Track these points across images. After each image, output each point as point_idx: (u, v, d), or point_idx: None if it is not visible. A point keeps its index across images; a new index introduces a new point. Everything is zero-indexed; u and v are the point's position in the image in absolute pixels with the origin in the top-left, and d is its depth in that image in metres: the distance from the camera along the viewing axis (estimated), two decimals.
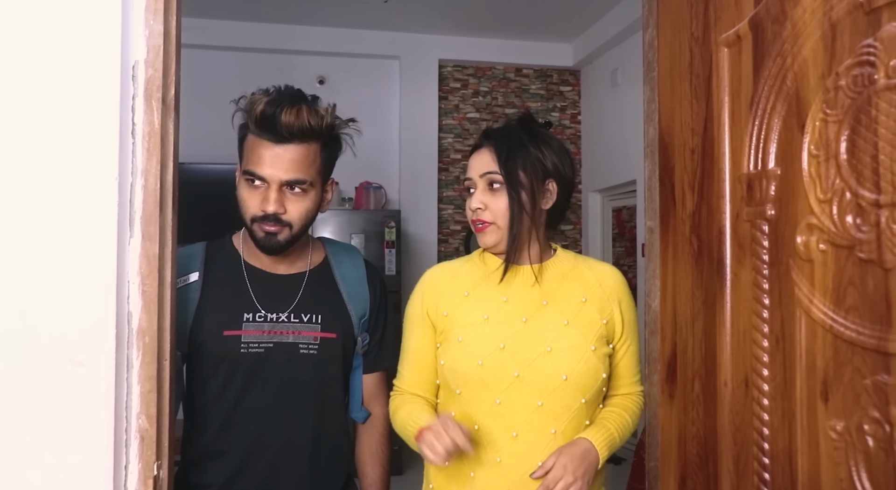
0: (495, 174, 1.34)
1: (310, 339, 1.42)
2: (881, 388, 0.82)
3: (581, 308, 1.35)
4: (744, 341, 1.04)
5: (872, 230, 0.83)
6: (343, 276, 1.50)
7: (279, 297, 1.43)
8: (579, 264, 1.41)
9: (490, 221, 1.35)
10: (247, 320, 1.40)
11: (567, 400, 1.30)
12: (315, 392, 1.43)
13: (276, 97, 1.35)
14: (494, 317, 1.36)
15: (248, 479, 1.40)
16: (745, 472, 1.04)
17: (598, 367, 1.32)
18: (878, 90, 0.82)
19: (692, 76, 1.17)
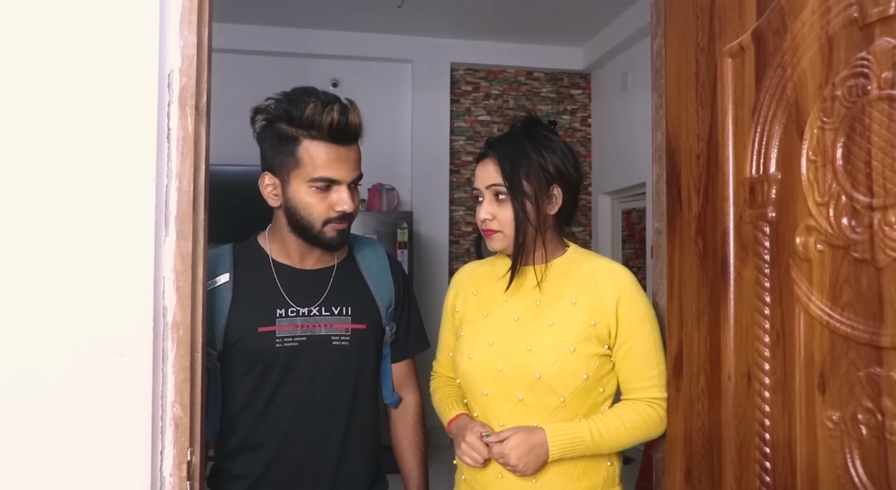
0: (500, 186, 1.39)
1: (341, 330, 1.45)
2: (874, 379, 0.87)
3: (568, 309, 1.37)
4: (746, 337, 1.10)
5: (866, 231, 0.89)
6: (368, 269, 1.53)
7: (309, 292, 1.45)
8: (583, 264, 1.42)
9: (497, 230, 1.40)
10: (280, 316, 1.43)
11: (544, 397, 1.34)
12: (348, 383, 1.46)
13: (331, 101, 1.37)
14: (493, 315, 1.44)
15: (284, 469, 1.42)
16: (747, 460, 1.09)
17: (577, 368, 1.33)
18: (872, 100, 0.88)
19: (698, 84, 1.23)
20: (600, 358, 1.35)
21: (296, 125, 1.37)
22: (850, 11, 0.91)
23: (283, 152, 1.39)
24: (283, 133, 1.39)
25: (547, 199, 1.40)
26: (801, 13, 0.99)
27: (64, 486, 1.07)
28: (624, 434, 1.33)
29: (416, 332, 1.60)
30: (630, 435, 1.33)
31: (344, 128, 1.37)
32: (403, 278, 1.60)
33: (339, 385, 1.45)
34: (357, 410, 1.47)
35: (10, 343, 1.05)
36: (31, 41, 1.08)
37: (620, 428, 1.33)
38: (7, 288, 1.06)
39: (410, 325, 1.59)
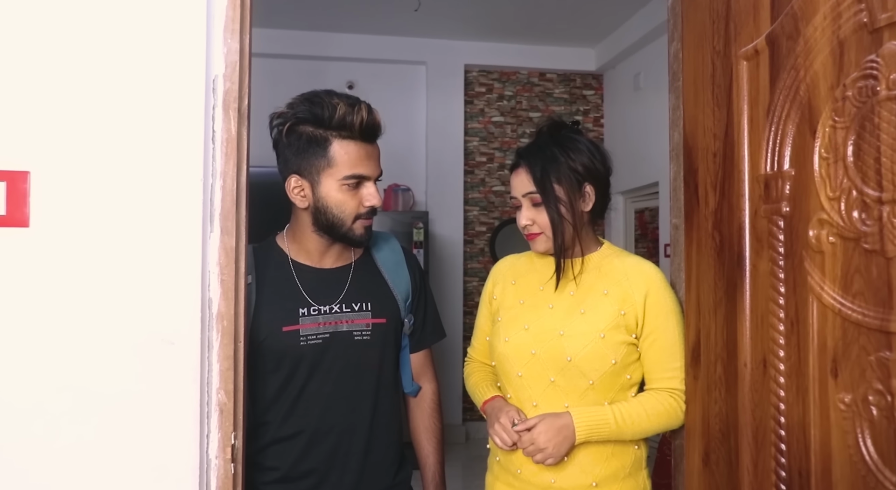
0: (534, 194, 1.47)
1: (362, 326, 1.50)
2: (884, 363, 0.93)
3: (600, 299, 1.45)
4: (762, 326, 1.15)
5: (876, 224, 0.94)
6: (385, 263, 1.58)
7: (329, 290, 1.50)
8: (615, 259, 1.50)
9: (539, 232, 1.49)
10: (302, 315, 1.47)
11: (575, 379, 1.42)
12: (371, 376, 1.51)
13: (356, 102, 1.43)
14: (528, 302, 1.53)
15: (313, 460, 1.47)
16: (763, 443, 1.15)
17: (606, 354, 1.40)
18: (881, 100, 0.93)
19: (714, 86, 1.28)
20: (628, 346, 1.43)
21: (324, 126, 1.42)
22: (861, 16, 0.96)
23: (312, 154, 1.43)
24: (312, 135, 1.43)
25: (580, 197, 1.48)
26: (813, 18, 1.05)
27: (121, 465, 1.14)
28: (646, 421, 1.39)
29: (433, 322, 1.66)
30: (651, 422, 1.39)
31: (371, 126, 1.44)
32: (419, 270, 1.65)
33: (363, 378, 1.51)
34: (380, 401, 1.53)
35: (76, 334, 1.13)
36: (92, 53, 1.15)
37: (643, 414, 1.39)
38: (73, 283, 1.13)
39: (427, 316, 1.64)
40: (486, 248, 5.46)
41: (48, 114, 1.14)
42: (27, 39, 1.13)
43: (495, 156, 5.57)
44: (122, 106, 1.16)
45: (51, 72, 1.14)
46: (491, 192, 5.54)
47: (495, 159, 5.57)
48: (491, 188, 5.54)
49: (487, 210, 5.53)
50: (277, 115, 1.49)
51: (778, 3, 1.13)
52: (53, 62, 1.14)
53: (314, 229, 1.49)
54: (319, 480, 1.48)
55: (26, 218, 1.12)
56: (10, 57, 1.13)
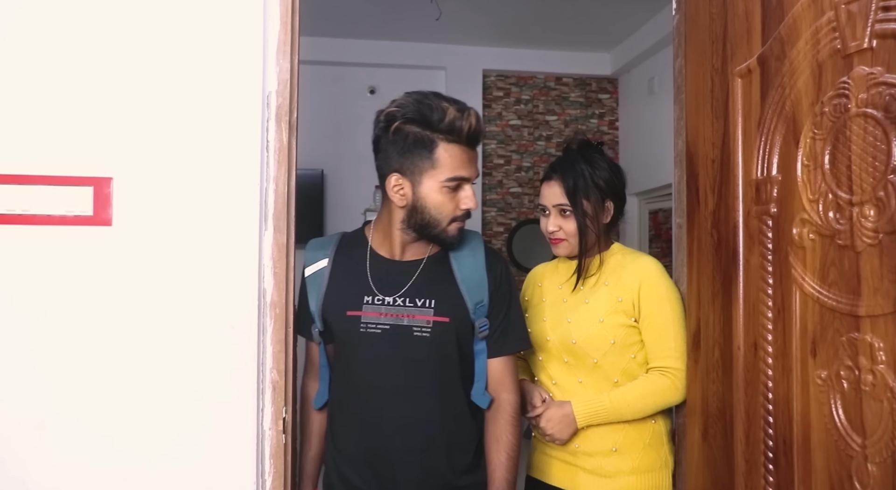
0: (565, 205, 1.67)
1: (422, 322, 1.48)
2: (853, 343, 1.07)
3: (601, 290, 1.66)
4: (753, 313, 1.30)
5: (847, 223, 1.09)
6: (459, 263, 1.54)
7: (394, 282, 1.51)
8: (619, 255, 1.70)
9: (564, 238, 1.69)
10: (367, 303, 1.50)
11: (581, 358, 1.63)
12: (430, 373, 1.50)
13: (464, 108, 1.45)
14: (549, 299, 1.76)
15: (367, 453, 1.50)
16: (753, 417, 1.30)
17: (605, 335, 1.61)
18: (851, 116, 1.08)
19: (713, 100, 1.43)
20: (627, 328, 1.62)
21: (432, 129, 1.43)
22: (835, 43, 1.11)
23: (417, 155, 1.44)
24: (419, 136, 1.44)
25: (603, 211, 1.70)
26: (797, 43, 1.20)
27: (191, 433, 1.31)
28: (640, 401, 1.59)
29: (516, 329, 1.58)
30: (647, 402, 1.59)
31: (476, 133, 1.46)
32: (502, 275, 1.58)
33: (420, 375, 1.49)
34: (442, 400, 1.51)
35: (153, 318, 1.30)
36: (164, 75, 1.33)
37: (636, 395, 1.59)
38: (149, 274, 1.31)
39: (508, 322, 1.56)
40: (504, 247, 5.60)
41: (129, 127, 1.31)
42: (115, 67, 1.31)
43: (512, 158, 5.71)
44: (191, 120, 1.33)
45: (131, 90, 1.31)
46: (508, 194, 5.68)
47: (512, 162, 5.71)
48: (508, 190, 5.68)
49: (505, 211, 5.67)
50: (386, 113, 1.49)
51: (768, 27, 1.28)
52: (133, 82, 1.31)
53: (404, 226, 1.51)
54: (374, 472, 1.50)
55: (110, 218, 1.29)
56: (98, 79, 1.30)
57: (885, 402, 1.01)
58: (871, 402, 1.04)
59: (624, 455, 1.60)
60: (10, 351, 1.27)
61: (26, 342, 1.27)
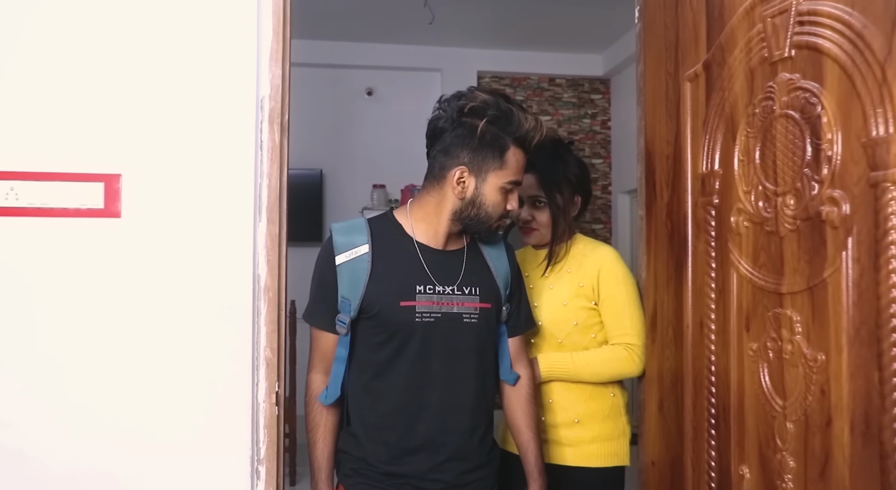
0: (540, 197, 1.82)
1: (471, 309, 1.54)
2: (777, 317, 1.21)
3: (564, 276, 1.81)
4: (699, 295, 1.44)
5: (773, 211, 1.22)
6: (489, 252, 1.63)
7: (447, 272, 1.55)
8: (580, 245, 1.85)
9: (536, 228, 1.84)
10: (419, 292, 1.50)
11: (547, 339, 1.79)
12: (476, 358, 1.56)
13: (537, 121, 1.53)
14: None
15: (418, 438, 1.52)
16: (699, 388, 1.44)
17: (568, 317, 1.77)
18: (776, 117, 1.22)
19: (667, 102, 1.57)
20: (587, 310, 1.77)
21: (509, 132, 1.51)
22: (763, 52, 1.25)
23: (489, 153, 1.51)
24: (496, 137, 1.51)
25: (572, 205, 1.86)
26: (734, 50, 1.33)
27: (193, 404, 1.45)
28: (599, 365, 1.74)
29: (526, 310, 1.71)
30: (605, 367, 1.74)
31: (537, 144, 1.56)
32: (515, 261, 1.70)
33: (468, 359, 1.55)
34: (483, 383, 1.58)
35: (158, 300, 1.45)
36: (164, 80, 1.47)
37: (596, 359, 1.74)
38: (155, 261, 1.45)
39: (522, 303, 1.68)
40: None
41: (136, 129, 1.45)
42: (124, 76, 1.45)
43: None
44: (192, 122, 1.47)
45: (139, 96, 1.45)
46: None
47: None
48: None
49: None
50: (470, 107, 1.51)
51: (711, 36, 1.42)
52: (140, 89, 1.46)
53: (454, 218, 1.54)
54: (426, 457, 1.51)
55: (119, 211, 1.44)
56: (109, 87, 1.44)
57: (800, 368, 1.15)
58: (790, 369, 1.18)
59: (585, 426, 1.75)
60: (28, 332, 1.41)
61: (44, 322, 1.41)
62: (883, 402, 0.99)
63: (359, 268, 1.50)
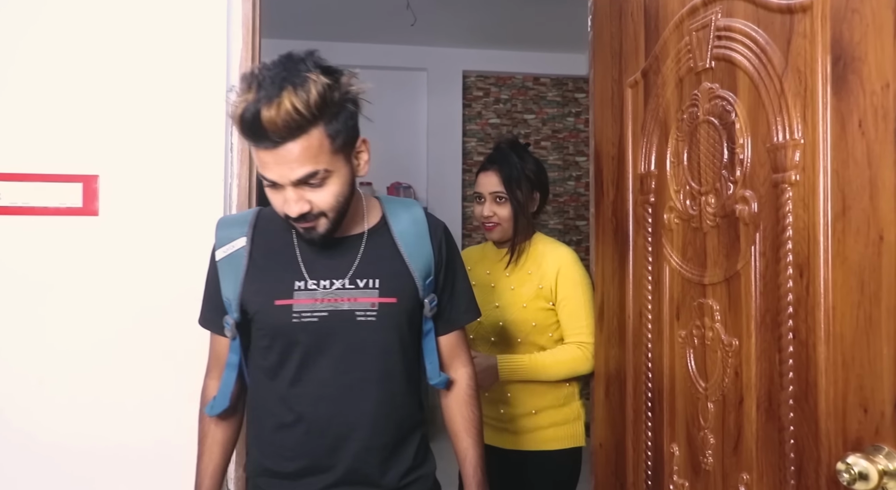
0: (501, 193, 1.92)
1: (367, 305, 1.29)
2: (700, 306, 1.32)
3: (525, 278, 1.90)
4: (638, 287, 1.55)
5: (698, 209, 1.33)
6: (402, 235, 1.35)
7: (334, 263, 1.31)
8: (540, 246, 1.94)
9: (497, 223, 1.93)
10: (298, 289, 1.29)
11: (507, 339, 1.89)
12: (377, 361, 1.31)
13: (254, 96, 1.13)
14: (479, 283, 1.98)
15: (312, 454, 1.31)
16: (638, 374, 1.54)
17: (527, 319, 1.86)
18: (699, 123, 1.32)
19: (612, 106, 1.67)
20: (546, 311, 1.87)
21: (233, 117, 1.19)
22: (690, 62, 1.35)
23: None
24: None
25: (531, 201, 1.96)
26: (666, 60, 1.44)
27: (165, 388, 1.55)
28: (554, 365, 1.84)
29: (465, 299, 1.45)
30: (560, 366, 1.83)
31: (258, 130, 1.14)
32: (446, 243, 1.41)
33: (367, 365, 1.31)
34: (390, 393, 1.33)
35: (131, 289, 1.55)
36: (136, 83, 1.57)
37: (552, 360, 1.84)
38: (130, 256, 1.55)
39: (456, 292, 1.43)
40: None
41: (112, 132, 1.55)
42: (100, 81, 1.55)
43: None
44: (164, 126, 1.57)
45: (114, 101, 1.56)
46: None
47: None
48: None
49: None
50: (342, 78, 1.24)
51: (649, 46, 1.52)
52: (116, 94, 1.56)
53: None
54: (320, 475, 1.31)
55: (97, 209, 1.54)
56: (87, 92, 1.54)
57: (719, 353, 1.26)
58: (710, 354, 1.28)
59: (542, 415, 1.86)
60: (13, 320, 1.51)
61: (27, 312, 1.51)
62: (781, 381, 1.10)
63: (236, 264, 1.32)
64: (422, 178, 5.69)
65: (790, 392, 1.08)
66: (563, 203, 6.01)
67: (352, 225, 1.35)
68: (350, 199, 1.29)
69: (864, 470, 0.90)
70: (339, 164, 1.23)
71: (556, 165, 6.03)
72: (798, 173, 1.07)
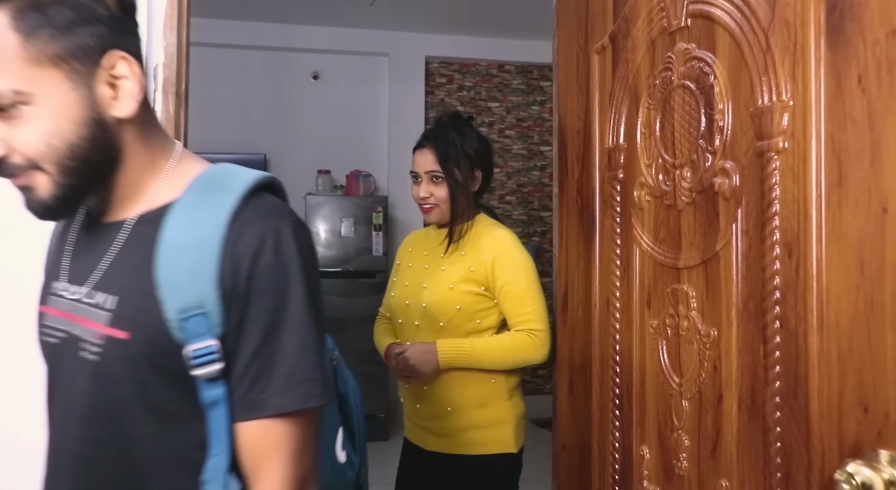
0: (437, 172, 1.76)
1: (91, 335, 0.83)
2: (675, 292, 1.18)
3: (458, 259, 1.74)
4: (605, 272, 1.41)
5: (672, 184, 1.20)
6: (170, 236, 0.81)
7: (89, 260, 0.87)
8: (479, 227, 1.78)
9: (435, 204, 1.77)
10: (52, 292, 0.91)
11: (430, 322, 1.72)
12: (92, 426, 0.83)
13: None
14: (415, 265, 1.85)
15: None
16: (605, 368, 1.41)
17: (451, 301, 1.69)
18: (674, 88, 1.19)
19: (578, 75, 1.53)
20: (474, 295, 1.71)
21: None
22: (663, 22, 1.21)
23: None
24: None
25: (472, 180, 1.79)
26: (637, 21, 1.30)
27: None
28: (499, 352, 1.68)
29: (287, 368, 0.81)
30: (505, 354, 1.68)
31: None
32: (264, 260, 0.81)
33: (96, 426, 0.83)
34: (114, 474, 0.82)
35: None
36: None
37: (496, 347, 1.69)
38: None
39: (269, 353, 0.81)
40: None
41: None
42: None
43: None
44: None
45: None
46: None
47: None
48: None
49: None
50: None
51: (617, 7, 1.38)
52: None
53: None
54: None
55: None
56: None
57: (695, 344, 1.13)
58: (686, 346, 1.15)
59: (460, 414, 1.69)
60: None
61: None
62: (766, 376, 0.97)
63: None
64: (382, 167, 5.51)
65: (776, 388, 0.95)
66: (527, 193, 5.89)
67: (125, 202, 0.87)
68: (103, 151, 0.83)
69: (867, 480, 0.78)
70: (51, 86, 0.79)
71: (521, 155, 5.90)
72: (786, 140, 0.94)
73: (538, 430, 5.34)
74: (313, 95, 5.55)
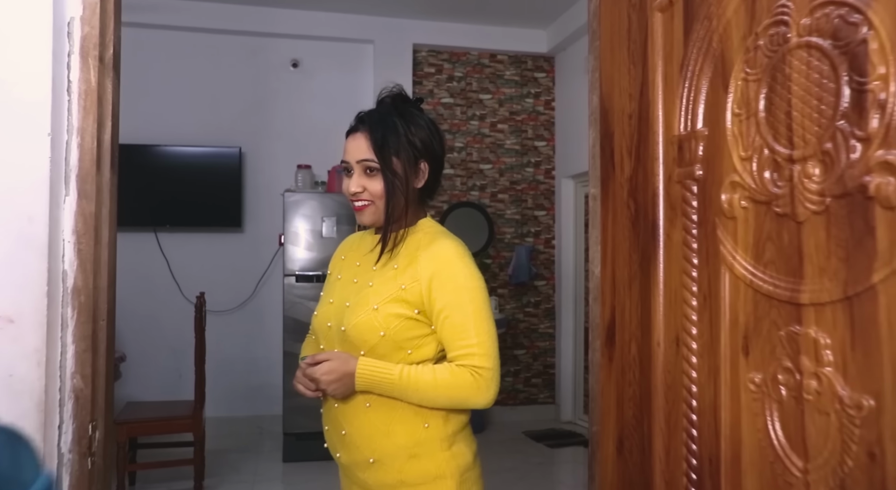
0: (371, 161, 1.41)
1: None
2: (793, 338, 0.84)
3: (389, 273, 1.41)
4: (675, 301, 1.06)
5: (787, 185, 0.85)
6: None
7: None
8: (420, 236, 1.43)
9: (369, 202, 1.42)
10: None
11: (352, 350, 1.38)
12: None
13: None
14: (343, 277, 1.51)
15: None
16: (675, 428, 1.06)
17: (375, 325, 1.36)
18: (791, 48, 0.84)
19: (630, 42, 1.18)
20: (403, 320, 1.36)
21: None
22: None
23: None
24: None
25: (415, 173, 1.43)
26: None
27: None
28: (432, 388, 1.32)
29: None
30: (439, 391, 1.32)
31: None
32: None
33: None
34: None
35: None
36: None
37: (430, 380, 1.32)
38: None
39: None
40: None
41: None
42: None
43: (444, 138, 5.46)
44: None
45: None
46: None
47: None
48: None
49: None
50: None
51: None
52: None
53: None
54: None
55: None
56: None
57: (832, 415, 0.78)
58: (814, 415, 0.80)
59: (386, 466, 1.35)
60: None
61: None
62: None
63: None
64: None
65: None
66: (520, 191, 5.54)
67: None
68: None
69: None
70: None
71: (514, 150, 5.55)
72: None
73: (532, 443, 5.03)
74: (292, 85, 5.16)
